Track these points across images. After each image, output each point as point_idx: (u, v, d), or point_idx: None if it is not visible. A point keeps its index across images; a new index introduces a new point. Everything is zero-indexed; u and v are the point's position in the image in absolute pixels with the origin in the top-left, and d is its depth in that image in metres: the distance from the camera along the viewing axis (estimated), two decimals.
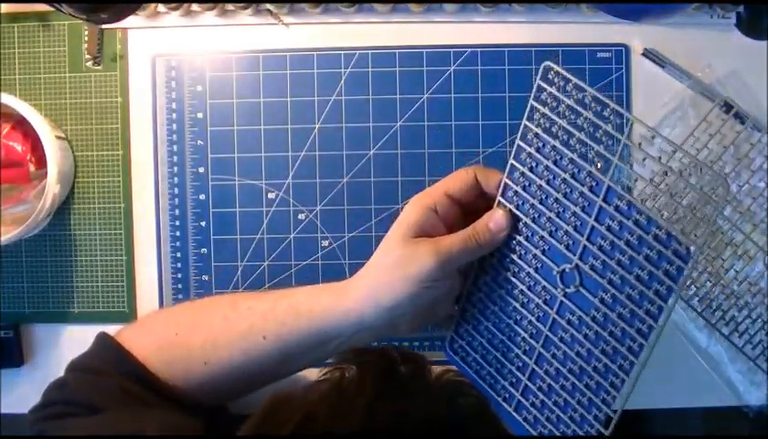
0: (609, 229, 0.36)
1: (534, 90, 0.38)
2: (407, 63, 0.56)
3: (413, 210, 0.40)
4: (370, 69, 0.56)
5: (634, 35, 0.55)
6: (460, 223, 0.40)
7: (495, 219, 0.39)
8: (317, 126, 0.56)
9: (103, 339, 0.43)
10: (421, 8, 0.55)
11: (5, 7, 0.56)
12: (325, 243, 0.56)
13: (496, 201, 0.40)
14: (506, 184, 0.40)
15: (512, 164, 0.39)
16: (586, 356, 0.38)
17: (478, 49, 0.55)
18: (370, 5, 0.55)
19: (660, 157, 0.45)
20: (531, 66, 0.55)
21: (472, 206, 0.41)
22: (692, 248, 0.34)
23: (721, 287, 0.54)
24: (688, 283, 0.55)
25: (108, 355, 0.42)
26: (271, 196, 0.56)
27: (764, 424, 0.54)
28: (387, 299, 0.38)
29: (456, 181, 0.40)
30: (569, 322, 0.38)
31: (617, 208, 0.36)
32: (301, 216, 0.56)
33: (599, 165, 0.55)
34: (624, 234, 0.36)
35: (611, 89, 0.55)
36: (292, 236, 0.56)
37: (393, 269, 0.38)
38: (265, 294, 0.43)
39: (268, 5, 0.55)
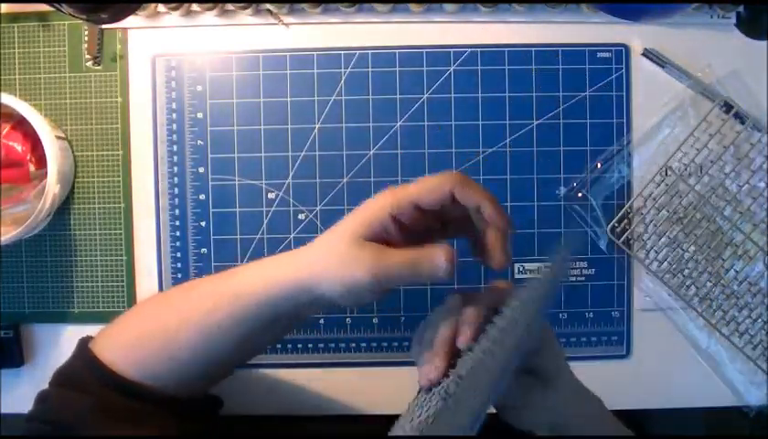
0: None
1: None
2: (407, 63, 0.56)
3: (371, 212, 0.37)
4: (370, 69, 0.56)
5: (634, 35, 0.55)
6: (432, 229, 0.39)
7: (437, 255, 0.36)
8: (317, 126, 0.56)
9: (81, 347, 0.43)
10: (421, 8, 0.55)
11: (5, 7, 0.56)
12: None
13: None
14: None
15: None
16: None
17: (478, 49, 0.55)
18: (370, 5, 0.55)
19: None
20: (531, 66, 0.55)
21: (449, 213, 0.39)
22: None
23: (721, 287, 0.55)
24: (687, 283, 0.55)
25: (85, 364, 0.41)
26: (271, 196, 0.56)
27: (764, 424, 0.54)
28: (318, 289, 0.37)
29: (429, 194, 0.37)
30: None
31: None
32: (301, 216, 0.56)
33: (599, 165, 0.55)
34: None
35: (611, 89, 0.55)
36: (292, 236, 0.56)
37: (330, 265, 0.37)
38: (212, 279, 0.42)
39: (268, 5, 0.55)
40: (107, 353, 0.41)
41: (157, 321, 0.42)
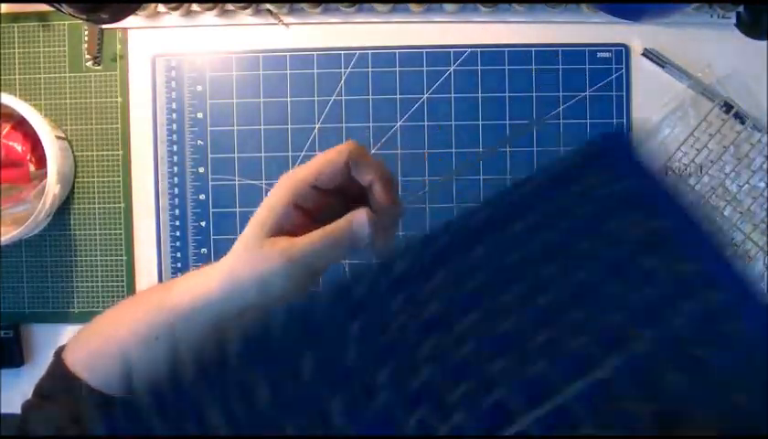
0: None
1: None
2: (407, 63, 0.56)
3: (269, 209, 0.36)
4: (370, 69, 0.56)
5: (634, 35, 0.55)
6: (340, 207, 0.36)
7: (357, 216, 0.34)
8: (317, 126, 0.56)
9: (55, 355, 0.42)
10: (421, 8, 0.55)
11: (5, 7, 0.56)
12: None
13: None
14: None
15: None
16: None
17: (478, 49, 0.55)
18: (370, 5, 0.55)
19: None
20: (531, 66, 0.55)
21: (350, 191, 0.36)
22: None
23: None
24: None
25: (55, 372, 0.41)
26: None
27: None
28: (236, 298, 0.36)
29: (323, 173, 0.35)
30: None
31: None
32: None
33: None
34: None
35: (611, 89, 0.55)
36: None
37: (241, 271, 0.35)
38: (158, 289, 0.41)
39: (268, 5, 0.55)
40: (73, 360, 0.41)
41: (110, 332, 0.41)
